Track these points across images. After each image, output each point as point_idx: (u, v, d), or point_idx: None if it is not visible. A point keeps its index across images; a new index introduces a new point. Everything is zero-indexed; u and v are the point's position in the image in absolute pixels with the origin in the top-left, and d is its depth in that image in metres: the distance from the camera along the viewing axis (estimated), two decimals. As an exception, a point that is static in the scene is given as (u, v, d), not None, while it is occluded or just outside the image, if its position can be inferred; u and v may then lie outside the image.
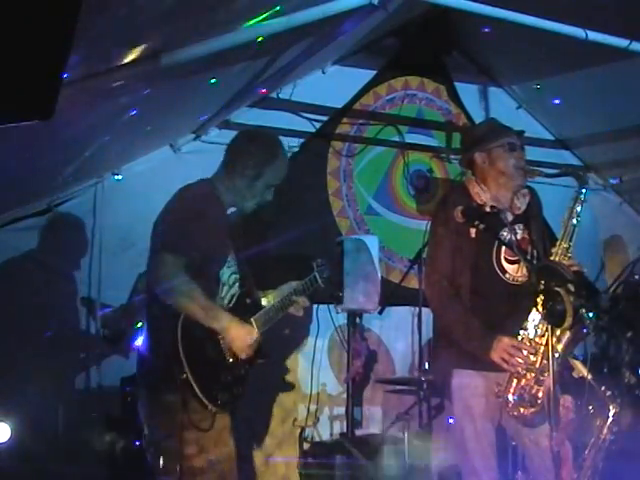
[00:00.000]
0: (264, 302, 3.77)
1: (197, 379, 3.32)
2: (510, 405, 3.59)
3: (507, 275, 3.76)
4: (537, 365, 3.54)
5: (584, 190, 3.67)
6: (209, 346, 3.45)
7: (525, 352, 3.57)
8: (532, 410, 3.56)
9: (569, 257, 3.67)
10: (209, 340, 3.44)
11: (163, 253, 3.36)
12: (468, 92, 6.19)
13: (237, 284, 3.64)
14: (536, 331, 3.58)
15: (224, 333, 3.45)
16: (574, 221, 3.67)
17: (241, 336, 3.48)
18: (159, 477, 3.40)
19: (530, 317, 3.60)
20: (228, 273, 3.59)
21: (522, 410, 3.58)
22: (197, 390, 3.32)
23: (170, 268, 3.32)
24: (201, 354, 3.40)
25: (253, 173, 3.59)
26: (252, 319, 3.61)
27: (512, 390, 3.59)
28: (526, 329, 3.61)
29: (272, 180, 3.65)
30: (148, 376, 3.48)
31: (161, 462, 3.37)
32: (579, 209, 3.67)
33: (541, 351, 3.53)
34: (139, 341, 3.75)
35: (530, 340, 3.59)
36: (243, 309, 3.61)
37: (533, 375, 3.57)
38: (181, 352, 3.31)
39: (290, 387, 5.43)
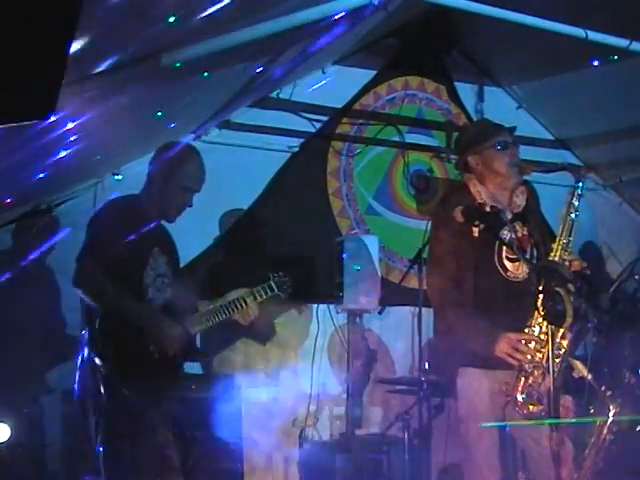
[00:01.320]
0: (209, 307, 3.91)
1: (118, 374, 3.51)
2: (519, 404, 3.58)
3: (508, 273, 3.76)
4: (543, 362, 3.53)
5: (581, 184, 3.67)
6: (133, 343, 3.60)
7: (532, 345, 3.57)
8: (541, 407, 3.55)
9: (569, 252, 3.67)
10: (132, 336, 3.60)
11: (85, 258, 3.62)
12: (468, 92, 6.19)
13: (168, 289, 3.83)
14: (541, 328, 3.58)
15: (154, 330, 3.64)
16: (572, 216, 3.67)
17: (169, 334, 3.67)
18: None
19: (535, 315, 3.60)
20: (153, 276, 3.78)
21: (531, 408, 3.57)
22: (119, 384, 3.48)
23: (91, 271, 3.59)
24: (123, 351, 3.57)
25: (163, 177, 3.83)
26: (186, 320, 3.81)
27: (520, 389, 3.59)
28: (531, 326, 3.61)
29: (185, 182, 3.85)
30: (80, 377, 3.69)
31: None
32: (577, 203, 3.67)
33: (547, 348, 3.52)
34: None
35: (536, 337, 3.59)
36: (174, 311, 3.80)
37: (540, 372, 3.56)
38: (100, 350, 3.53)
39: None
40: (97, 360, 3.52)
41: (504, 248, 3.74)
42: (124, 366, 3.53)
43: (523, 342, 3.58)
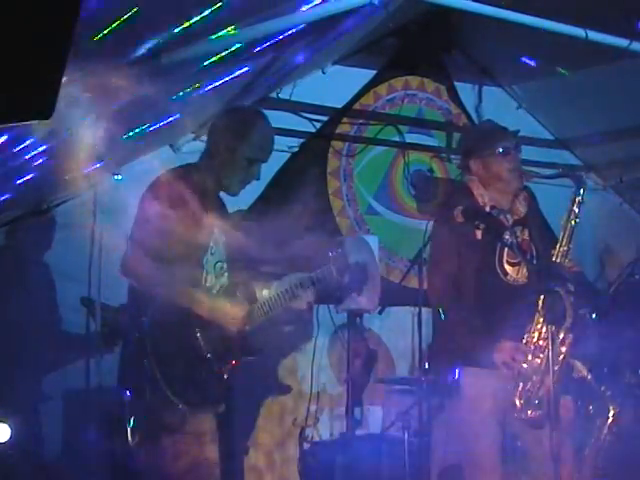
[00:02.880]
0: (265, 294, 3.53)
1: (165, 376, 3.19)
2: (517, 409, 3.59)
3: (508, 277, 3.77)
4: (542, 367, 3.54)
5: (582, 191, 3.67)
6: (183, 340, 3.29)
7: (530, 356, 3.58)
8: (539, 412, 3.55)
9: (569, 259, 3.68)
10: (184, 334, 3.30)
11: (132, 241, 3.30)
12: (468, 92, 6.19)
13: (226, 274, 3.49)
14: (540, 333, 3.59)
15: (211, 311, 3.29)
16: (573, 222, 3.68)
17: (228, 310, 3.33)
18: None
19: (534, 319, 3.60)
20: (213, 261, 3.43)
21: (529, 413, 3.58)
22: (164, 387, 3.18)
23: (141, 257, 3.24)
24: (173, 349, 3.25)
25: (226, 147, 3.43)
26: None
27: (518, 394, 3.59)
28: (531, 331, 3.62)
29: (251, 153, 3.44)
30: (124, 374, 3.41)
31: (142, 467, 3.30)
32: (577, 210, 3.68)
33: (546, 353, 3.53)
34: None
35: (535, 343, 3.60)
36: (232, 300, 3.45)
37: (538, 377, 3.57)
38: (148, 347, 3.20)
39: (287, 390, 5.40)
40: (145, 361, 3.18)
41: (505, 252, 3.75)
42: (174, 368, 3.22)
43: (520, 351, 3.59)
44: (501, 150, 3.80)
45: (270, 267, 3.86)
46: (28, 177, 3.79)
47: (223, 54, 3.48)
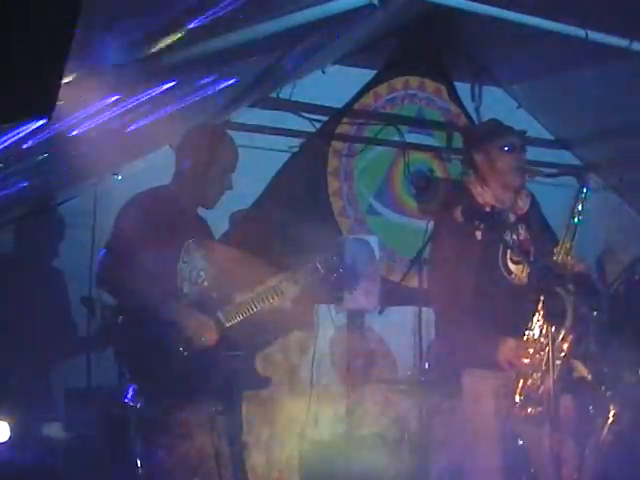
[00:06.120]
0: (246, 296, 3.70)
1: (140, 373, 3.40)
2: (517, 405, 3.59)
3: (512, 275, 3.77)
4: (543, 364, 3.54)
5: (585, 189, 3.68)
6: (154, 339, 3.46)
7: (531, 351, 3.58)
8: (539, 409, 3.56)
9: (572, 256, 3.69)
10: (153, 333, 3.46)
11: (105, 254, 3.57)
12: (468, 92, 6.19)
13: (205, 281, 3.68)
14: (541, 331, 3.59)
15: (179, 324, 3.48)
16: (576, 220, 3.68)
17: (193, 325, 3.50)
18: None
19: (535, 317, 3.61)
20: (188, 269, 3.63)
21: (529, 410, 3.59)
22: (142, 384, 3.38)
23: (110, 268, 3.52)
24: (145, 348, 3.44)
25: (199, 166, 3.70)
26: (219, 312, 3.62)
27: (519, 390, 3.60)
28: (531, 329, 3.62)
29: (222, 168, 3.73)
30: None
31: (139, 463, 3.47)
32: (580, 208, 3.69)
33: (546, 350, 3.54)
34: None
35: (535, 340, 3.60)
36: (208, 303, 3.64)
37: (539, 374, 3.57)
38: (121, 347, 3.48)
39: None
40: (122, 366, 3.43)
41: (508, 250, 3.75)
42: (150, 368, 3.41)
43: (522, 348, 3.60)
44: (507, 147, 3.81)
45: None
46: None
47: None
